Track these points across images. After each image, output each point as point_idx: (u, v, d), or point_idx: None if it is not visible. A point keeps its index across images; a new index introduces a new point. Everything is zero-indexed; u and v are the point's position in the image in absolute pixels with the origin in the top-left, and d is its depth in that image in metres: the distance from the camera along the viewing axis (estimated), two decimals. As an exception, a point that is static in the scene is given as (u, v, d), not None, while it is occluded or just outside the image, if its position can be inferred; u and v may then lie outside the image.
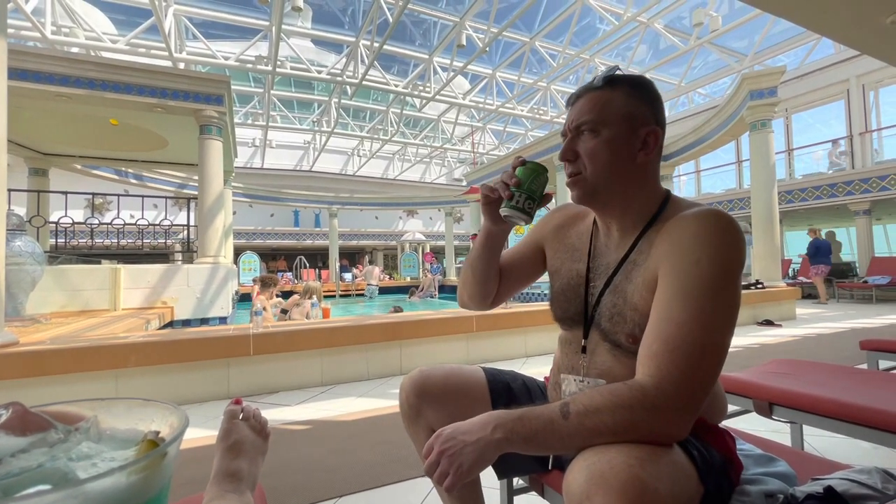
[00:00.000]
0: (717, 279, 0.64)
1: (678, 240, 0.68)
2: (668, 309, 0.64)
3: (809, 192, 9.96)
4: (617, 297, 0.75)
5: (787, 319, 5.78)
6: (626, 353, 0.73)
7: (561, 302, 0.85)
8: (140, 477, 0.20)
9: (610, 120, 0.74)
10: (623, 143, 0.74)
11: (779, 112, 8.11)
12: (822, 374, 1.54)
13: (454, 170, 21.14)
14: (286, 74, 9.09)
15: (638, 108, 0.75)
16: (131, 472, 0.19)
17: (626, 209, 0.78)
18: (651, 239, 0.74)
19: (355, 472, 1.68)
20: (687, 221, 0.69)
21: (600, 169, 0.75)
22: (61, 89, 5.05)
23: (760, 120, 6.43)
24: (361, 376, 3.19)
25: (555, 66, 10.68)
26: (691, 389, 0.60)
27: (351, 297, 12.81)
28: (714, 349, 0.62)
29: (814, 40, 9.85)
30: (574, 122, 0.77)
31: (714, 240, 0.66)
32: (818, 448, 1.78)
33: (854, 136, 10.00)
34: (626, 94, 0.75)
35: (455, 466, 0.62)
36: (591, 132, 0.75)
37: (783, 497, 0.70)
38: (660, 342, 0.63)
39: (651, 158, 0.76)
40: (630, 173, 0.76)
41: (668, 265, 0.68)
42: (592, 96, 0.77)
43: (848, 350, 3.64)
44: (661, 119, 0.78)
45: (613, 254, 0.80)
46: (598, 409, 0.60)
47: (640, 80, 0.78)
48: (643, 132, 0.75)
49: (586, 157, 0.76)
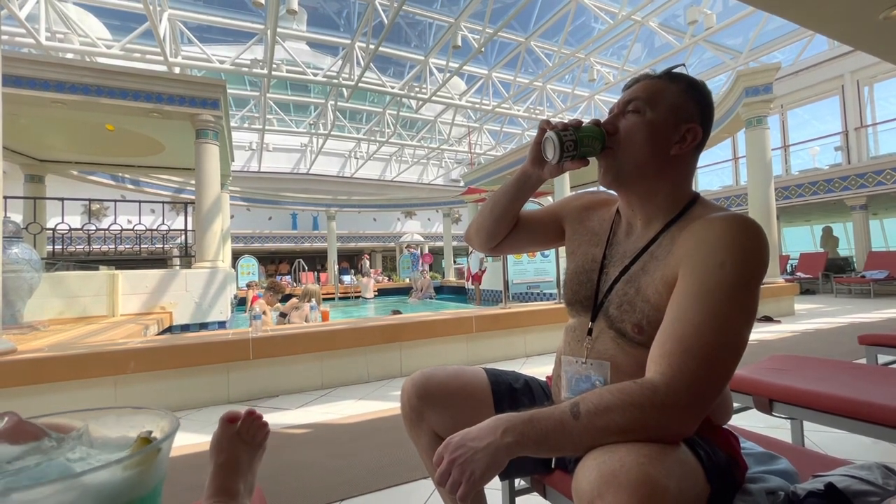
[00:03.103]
0: (740, 284, 0.64)
1: (704, 241, 0.68)
2: (686, 309, 0.64)
3: (806, 187, 10.00)
4: (629, 287, 0.75)
5: (785, 315, 5.79)
6: (629, 342, 0.74)
7: (573, 284, 0.86)
8: (135, 472, 0.20)
9: (658, 105, 0.76)
10: (662, 129, 0.75)
11: (774, 108, 8.15)
12: (821, 370, 1.55)
13: (451, 171, 21.14)
14: (282, 77, 9.08)
15: (687, 104, 0.76)
16: (127, 466, 0.19)
17: (650, 199, 0.79)
18: (674, 236, 0.74)
19: (357, 475, 1.68)
20: (715, 224, 0.69)
21: (634, 148, 0.76)
22: (57, 95, 5.04)
23: (756, 117, 6.45)
24: (362, 379, 3.18)
25: (550, 65, 10.69)
26: (702, 389, 0.60)
27: (350, 300, 12.80)
28: (728, 351, 0.62)
29: (808, 37, 9.88)
30: (624, 99, 0.79)
31: (741, 245, 0.65)
32: (819, 444, 1.78)
33: (849, 132, 10.05)
34: (681, 89, 0.77)
35: (467, 474, 0.61)
36: (635, 112, 0.77)
37: (784, 494, 0.70)
38: (674, 341, 0.62)
39: (685, 153, 0.77)
40: (661, 162, 0.76)
41: (691, 265, 0.67)
42: (649, 83, 0.78)
43: (846, 345, 3.65)
44: (706, 122, 0.78)
45: (633, 244, 0.80)
46: (608, 408, 0.59)
47: (698, 83, 0.79)
48: (684, 127, 0.76)
49: (624, 135, 0.77)
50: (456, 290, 12.21)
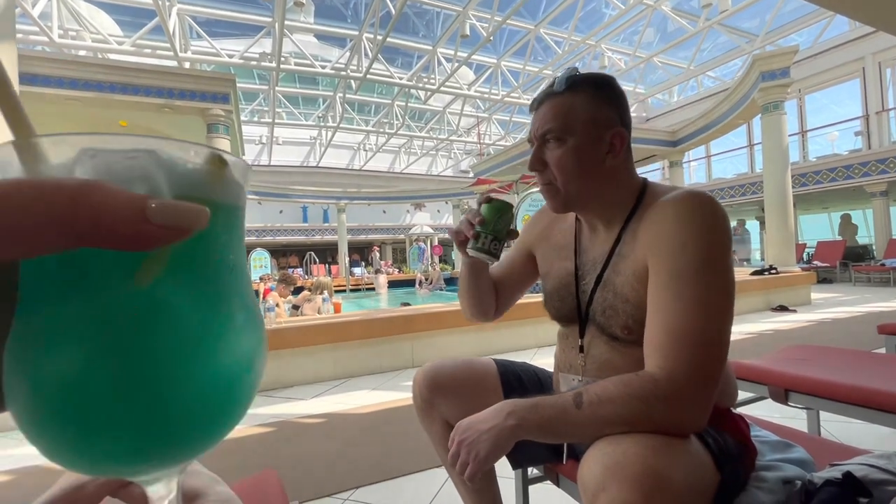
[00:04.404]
0: (707, 261, 0.64)
1: (660, 227, 0.68)
2: (663, 298, 0.64)
3: (824, 174, 9.75)
4: (607, 292, 0.75)
5: (802, 305, 5.70)
6: (624, 343, 0.74)
7: (555, 301, 0.86)
8: (215, 180, 0.18)
9: (574, 127, 0.73)
10: (589, 149, 0.74)
11: (791, 93, 7.94)
12: (838, 360, 1.52)
13: (461, 162, 21.04)
14: (290, 70, 9.10)
15: (601, 111, 0.74)
16: (210, 164, 0.18)
17: (603, 206, 0.78)
18: (634, 229, 0.74)
19: (370, 464, 1.71)
20: (666, 207, 0.69)
21: (570, 179, 0.75)
22: (71, 93, 5.11)
23: (773, 102, 6.29)
24: (374, 369, 3.22)
25: (560, 53, 10.54)
26: (702, 378, 0.60)
27: (361, 292, 12.89)
28: (716, 330, 0.62)
29: (827, 18, 9.58)
30: (539, 130, 0.76)
31: (697, 222, 0.66)
32: (835, 434, 1.76)
33: (870, 116, 9.75)
34: (589, 97, 0.74)
35: (473, 455, 0.64)
36: (556, 140, 0.74)
37: (801, 483, 0.70)
38: (662, 333, 0.63)
39: (620, 160, 0.76)
40: (601, 177, 0.75)
41: (656, 254, 0.68)
42: (554, 102, 0.75)
43: (865, 335, 3.58)
44: (626, 119, 0.77)
45: (599, 248, 0.80)
46: (611, 400, 0.60)
47: (602, 80, 0.76)
48: (608, 135, 0.74)
49: (555, 167, 0.75)
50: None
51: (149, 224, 0.13)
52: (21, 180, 0.13)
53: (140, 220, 0.13)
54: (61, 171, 0.15)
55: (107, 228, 0.12)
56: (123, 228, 0.13)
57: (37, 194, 0.12)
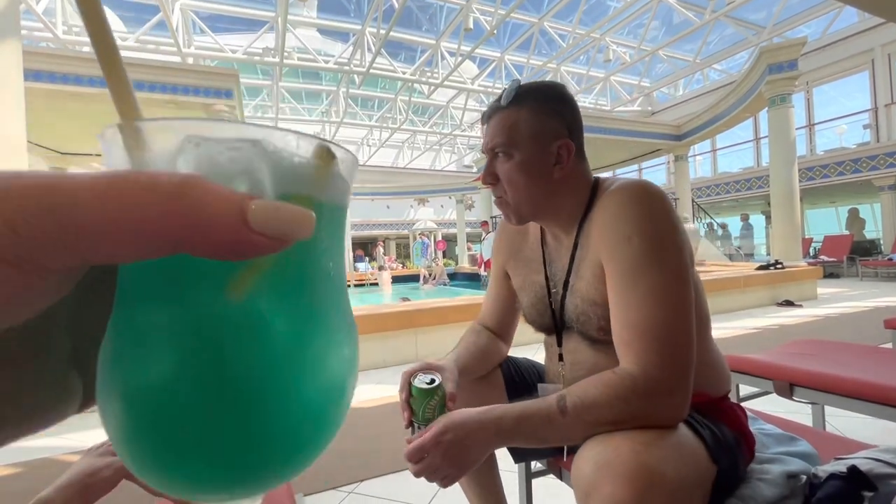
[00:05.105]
0: (654, 249, 0.64)
1: (604, 223, 0.69)
2: (620, 294, 0.65)
3: (832, 168, 9.65)
4: (576, 298, 0.76)
5: (808, 299, 5.66)
6: (605, 344, 0.74)
7: (532, 315, 0.87)
8: (321, 177, 0.16)
9: (519, 142, 0.74)
10: (536, 163, 0.74)
11: (799, 86, 7.83)
12: (844, 354, 1.52)
13: (464, 156, 20.98)
14: (294, 65, 9.08)
15: (546, 124, 0.74)
16: (317, 157, 0.15)
17: (557, 214, 0.78)
18: (587, 231, 0.74)
19: (374, 457, 1.72)
20: (608, 203, 0.70)
21: (520, 193, 0.75)
22: (76, 89, 5.13)
23: (780, 95, 6.22)
24: (378, 364, 3.23)
25: (565, 46, 10.46)
26: (676, 368, 0.60)
27: (365, 287, 12.92)
28: (678, 317, 0.62)
29: (836, 9, 9.44)
30: (488, 144, 0.77)
31: (638, 212, 0.66)
32: (840, 428, 1.76)
33: (879, 109, 9.63)
34: (533, 110, 0.74)
35: (453, 472, 0.64)
36: (504, 155, 0.75)
37: (805, 478, 0.70)
38: (626, 329, 0.63)
39: (568, 170, 0.75)
40: (550, 188, 0.75)
41: (606, 250, 0.68)
42: (501, 117, 0.76)
43: (872, 329, 3.56)
44: (573, 127, 0.76)
45: (563, 256, 0.80)
46: (595, 404, 0.60)
47: (547, 91, 0.76)
48: (555, 147, 0.74)
49: (505, 182, 0.76)
50: (470, 276, 12.21)
51: (249, 231, 0.11)
52: (138, 173, 0.11)
53: (240, 225, 0.11)
54: (163, 161, 0.14)
55: (202, 234, 0.11)
56: (219, 235, 0.11)
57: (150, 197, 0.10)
